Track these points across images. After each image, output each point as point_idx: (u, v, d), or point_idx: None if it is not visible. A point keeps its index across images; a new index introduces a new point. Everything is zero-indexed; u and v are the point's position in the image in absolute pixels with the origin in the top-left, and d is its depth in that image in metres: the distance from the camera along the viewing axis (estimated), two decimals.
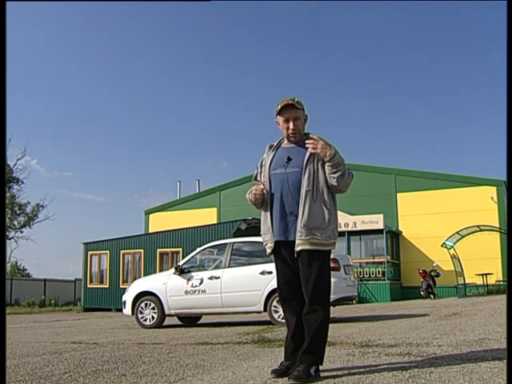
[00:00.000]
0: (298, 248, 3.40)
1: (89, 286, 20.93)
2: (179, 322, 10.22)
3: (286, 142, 3.66)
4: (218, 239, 13.56)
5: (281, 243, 3.50)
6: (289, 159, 3.52)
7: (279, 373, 3.38)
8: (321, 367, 3.38)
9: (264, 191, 3.54)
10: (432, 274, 20.08)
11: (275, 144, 3.71)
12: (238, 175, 27.46)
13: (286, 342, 3.55)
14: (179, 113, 59.25)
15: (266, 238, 3.57)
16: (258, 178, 3.73)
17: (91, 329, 9.90)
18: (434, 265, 20.68)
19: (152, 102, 59.92)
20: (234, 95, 57.84)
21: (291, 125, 3.53)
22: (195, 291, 9.26)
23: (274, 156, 3.62)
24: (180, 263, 9.94)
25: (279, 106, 3.54)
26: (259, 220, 3.73)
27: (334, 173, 3.40)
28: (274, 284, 7.94)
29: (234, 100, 57.33)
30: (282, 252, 3.52)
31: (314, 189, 3.42)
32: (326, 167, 3.42)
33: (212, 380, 3.44)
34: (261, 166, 3.72)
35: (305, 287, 3.41)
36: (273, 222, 3.52)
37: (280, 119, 3.59)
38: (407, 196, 23.69)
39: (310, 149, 3.45)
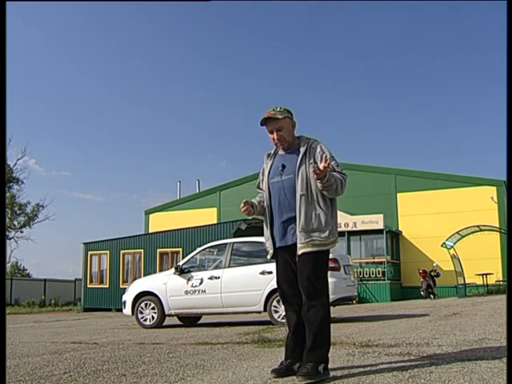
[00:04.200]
0: (299, 252, 3.45)
1: (89, 285, 20.92)
2: (179, 322, 10.22)
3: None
4: (218, 239, 13.53)
5: (281, 248, 3.58)
6: (283, 167, 3.61)
7: (279, 372, 3.39)
8: None
9: (250, 202, 3.63)
10: (432, 274, 20.08)
11: (272, 152, 3.82)
12: (236, 175, 27.56)
13: (287, 340, 3.57)
14: (179, 113, 59.33)
15: (267, 245, 3.69)
16: (261, 186, 3.83)
17: (91, 329, 9.90)
18: (434, 265, 20.67)
19: (152, 102, 59.98)
20: (233, 95, 57.90)
21: (275, 136, 3.65)
22: (195, 291, 9.26)
23: (271, 165, 3.73)
24: (180, 263, 9.93)
25: (260, 119, 3.64)
26: (259, 220, 3.76)
27: (325, 190, 3.45)
28: (274, 284, 7.93)
29: (233, 100, 57.40)
30: (283, 255, 3.60)
31: (309, 192, 3.48)
32: (318, 183, 3.42)
33: (212, 380, 3.44)
34: (262, 174, 3.83)
35: (303, 286, 3.43)
36: (273, 229, 3.62)
37: (266, 130, 3.70)
38: (407, 196, 23.68)
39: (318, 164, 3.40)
